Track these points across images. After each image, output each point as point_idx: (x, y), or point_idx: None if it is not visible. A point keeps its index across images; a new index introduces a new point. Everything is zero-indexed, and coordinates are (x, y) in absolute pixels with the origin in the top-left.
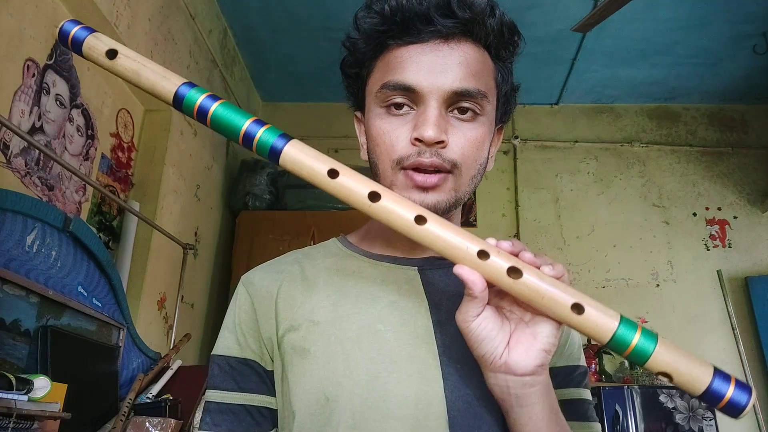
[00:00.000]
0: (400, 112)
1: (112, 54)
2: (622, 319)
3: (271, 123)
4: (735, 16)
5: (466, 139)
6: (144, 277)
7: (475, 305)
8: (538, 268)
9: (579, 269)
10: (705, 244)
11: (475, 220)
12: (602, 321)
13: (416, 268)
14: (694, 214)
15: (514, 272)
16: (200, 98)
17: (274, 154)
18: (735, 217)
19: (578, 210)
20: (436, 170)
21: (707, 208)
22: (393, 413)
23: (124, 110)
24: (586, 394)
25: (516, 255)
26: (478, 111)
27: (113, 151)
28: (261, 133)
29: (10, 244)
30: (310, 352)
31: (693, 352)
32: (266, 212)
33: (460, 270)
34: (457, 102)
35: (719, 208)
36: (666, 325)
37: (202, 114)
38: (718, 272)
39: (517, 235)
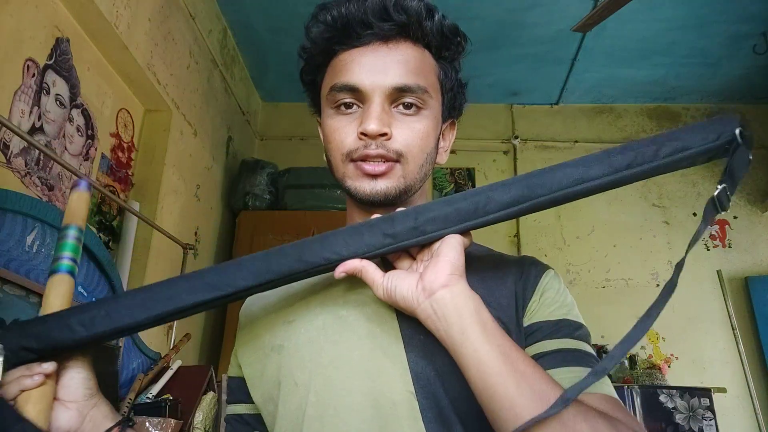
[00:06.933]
0: (349, 110)
1: None
2: None
3: (271, 123)
4: (734, 16)
5: (410, 131)
6: (144, 277)
7: (369, 277)
8: None
9: (579, 269)
10: (705, 244)
11: None
12: None
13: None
14: (694, 214)
15: None
16: None
17: None
18: (735, 217)
19: (578, 210)
20: (384, 160)
21: None
22: (357, 388)
23: (124, 110)
24: (579, 344)
25: None
26: (420, 105)
27: (113, 151)
28: None
29: (10, 244)
30: (284, 347)
31: (693, 352)
32: (266, 212)
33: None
34: (399, 98)
35: None
36: (666, 325)
37: None
38: (718, 272)
39: (517, 235)
